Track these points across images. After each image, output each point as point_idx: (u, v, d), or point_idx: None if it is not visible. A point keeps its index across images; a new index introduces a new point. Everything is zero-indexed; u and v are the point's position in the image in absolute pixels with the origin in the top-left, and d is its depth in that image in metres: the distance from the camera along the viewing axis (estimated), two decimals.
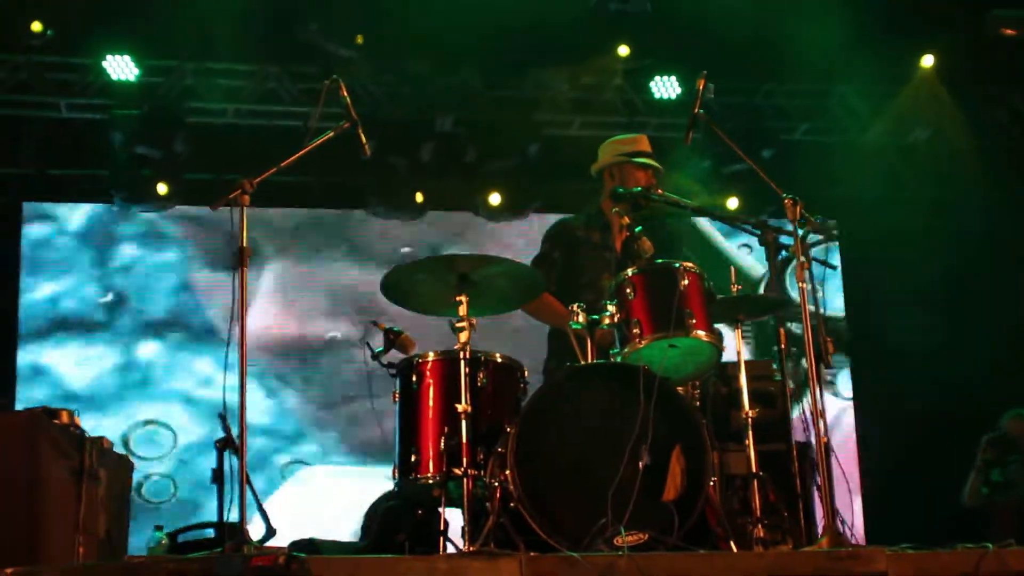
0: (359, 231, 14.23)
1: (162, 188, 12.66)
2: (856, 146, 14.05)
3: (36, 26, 12.09)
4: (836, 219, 14.37)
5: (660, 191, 7.73)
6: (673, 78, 13.23)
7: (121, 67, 12.53)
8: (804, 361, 6.75)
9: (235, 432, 6.29)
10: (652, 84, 13.32)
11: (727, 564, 6.05)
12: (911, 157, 14.18)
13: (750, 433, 7.00)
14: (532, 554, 5.78)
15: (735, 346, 7.23)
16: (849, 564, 5.93)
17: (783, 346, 7.12)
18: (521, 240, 12.98)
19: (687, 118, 7.43)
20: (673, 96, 13.33)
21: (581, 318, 7.01)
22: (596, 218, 8.44)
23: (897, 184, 14.06)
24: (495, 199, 13.19)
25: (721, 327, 7.16)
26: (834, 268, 7.34)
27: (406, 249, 13.90)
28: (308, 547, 7.11)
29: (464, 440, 6.52)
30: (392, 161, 13.07)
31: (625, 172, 8.28)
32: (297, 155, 6.77)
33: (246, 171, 6.47)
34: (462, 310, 6.71)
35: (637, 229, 7.42)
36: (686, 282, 6.91)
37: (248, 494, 6.14)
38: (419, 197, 13.14)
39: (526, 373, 7.20)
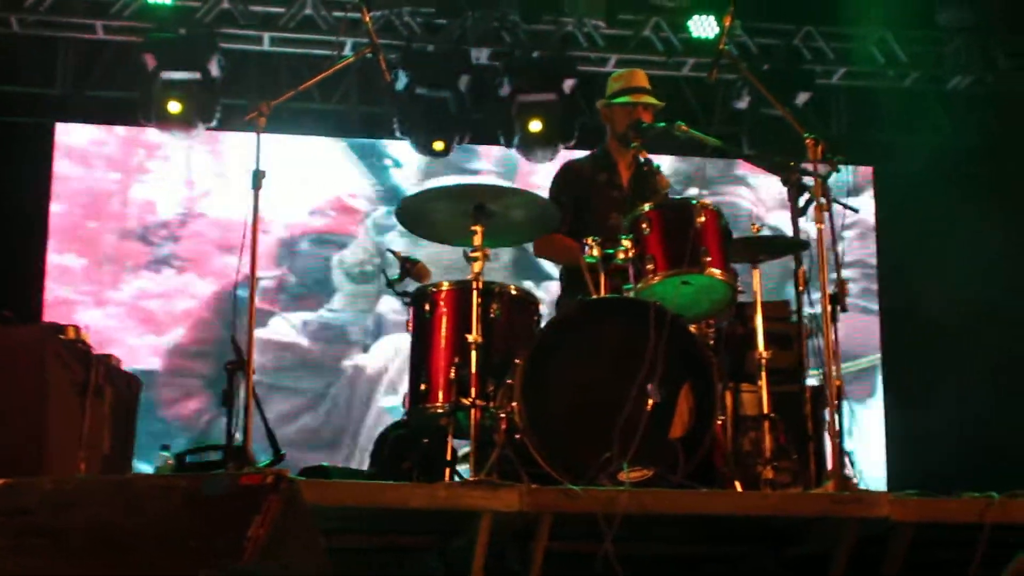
0: None
1: (180, 107, 12.61)
2: (895, 92, 13.88)
3: None
4: (873, 166, 14.23)
5: (684, 128, 7.64)
6: (711, 17, 13.08)
7: None
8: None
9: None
10: (691, 23, 13.17)
11: (729, 503, 6.07)
12: (951, 104, 14.00)
13: (763, 374, 6.97)
14: (533, 486, 5.79)
15: (753, 286, 7.19)
16: (852, 508, 5.92)
17: (801, 288, 7.04)
18: None
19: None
20: (712, 36, 13.16)
21: (595, 252, 6.96)
22: (602, 158, 8.30)
23: (936, 131, 13.90)
24: (535, 126, 13.01)
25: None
26: (856, 211, 7.24)
27: None
28: (318, 472, 7.15)
29: (473, 371, 6.49)
30: (427, 93, 13.00)
31: (613, 113, 8.20)
32: (313, 80, 6.78)
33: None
34: (477, 240, 6.65)
35: (656, 165, 7.39)
36: (703, 219, 6.85)
37: (256, 417, 6.17)
38: (438, 146, 13.06)
39: (541, 307, 7.17)
